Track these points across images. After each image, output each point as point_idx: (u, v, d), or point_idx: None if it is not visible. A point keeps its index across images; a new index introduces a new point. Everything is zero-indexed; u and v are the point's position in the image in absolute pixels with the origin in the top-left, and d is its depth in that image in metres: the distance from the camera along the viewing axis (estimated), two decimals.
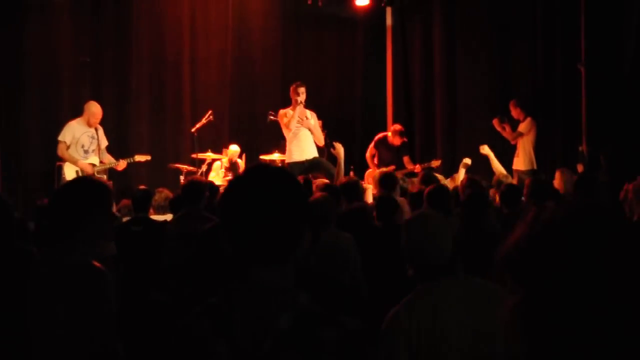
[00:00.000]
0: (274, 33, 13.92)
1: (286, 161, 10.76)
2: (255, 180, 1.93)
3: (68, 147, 10.39)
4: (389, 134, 11.84)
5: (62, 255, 3.18)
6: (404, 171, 11.10)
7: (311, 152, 10.62)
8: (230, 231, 1.89)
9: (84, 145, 10.43)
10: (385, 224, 6.05)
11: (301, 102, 10.50)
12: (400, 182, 8.09)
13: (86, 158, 10.42)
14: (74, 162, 10.33)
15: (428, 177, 8.26)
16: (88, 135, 10.46)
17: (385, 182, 7.45)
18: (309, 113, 10.74)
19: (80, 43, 12.46)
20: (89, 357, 3.13)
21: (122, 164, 10.62)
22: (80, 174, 10.25)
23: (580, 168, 10.21)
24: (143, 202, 7.06)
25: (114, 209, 8.21)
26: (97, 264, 3.20)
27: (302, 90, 10.53)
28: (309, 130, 10.61)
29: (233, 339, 1.84)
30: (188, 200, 6.64)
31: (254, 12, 13.73)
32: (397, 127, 11.91)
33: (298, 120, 10.51)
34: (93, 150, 10.50)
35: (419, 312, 3.06)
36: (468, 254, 3.50)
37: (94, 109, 10.46)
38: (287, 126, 10.54)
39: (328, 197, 5.66)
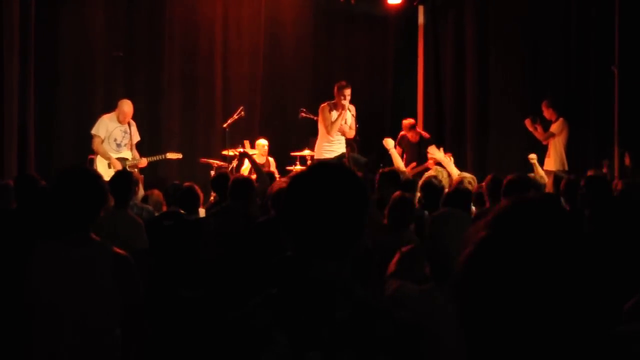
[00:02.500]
0: (306, 30, 13.93)
1: (315, 157, 10.77)
2: (319, 177, 1.97)
3: (102, 141, 10.51)
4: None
5: (91, 242, 3.29)
6: (419, 167, 10.92)
7: (340, 149, 10.61)
8: (292, 226, 1.94)
9: (117, 139, 10.59)
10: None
11: (347, 109, 10.38)
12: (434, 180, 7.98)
13: (119, 152, 10.56)
14: (107, 158, 10.47)
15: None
16: (121, 130, 10.61)
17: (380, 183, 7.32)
18: (349, 109, 10.62)
19: (113, 38, 12.57)
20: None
21: (143, 162, 10.73)
22: (111, 168, 10.38)
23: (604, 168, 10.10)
24: (174, 197, 7.09)
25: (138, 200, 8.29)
26: (118, 250, 3.32)
27: (347, 92, 10.35)
28: (344, 133, 10.58)
29: (292, 329, 1.89)
30: (232, 197, 6.64)
31: (287, 8, 13.75)
32: (406, 122, 11.78)
33: (339, 128, 10.46)
34: (125, 145, 10.65)
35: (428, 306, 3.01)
36: None
37: (126, 108, 10.61)
38: (328, 131, 10.42)
39: None
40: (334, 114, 10.42)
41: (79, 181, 3.31)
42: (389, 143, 10.77)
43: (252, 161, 9.36)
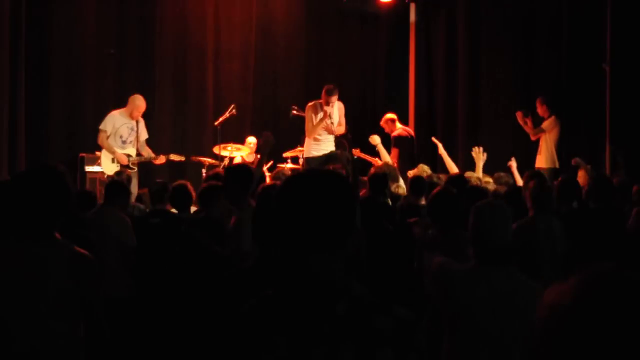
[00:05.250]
0: (297, 27, 13.92)
1: (304, 155, 10.81)
2: (310, 177, 2.05)
3: (108, 137, 10.54)
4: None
5: (51, 242, 3.26)
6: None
7: (329, 147, 10.65)
8: (287, 224, 1.97)
9: (122, 136, 10.61)
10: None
11: (329, 114, 10.50)
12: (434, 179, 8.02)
13: (123, 148, 10.61)
14: (111, 152, 10.53)
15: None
16: (128, 127, 10.64)
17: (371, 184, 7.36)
18: (336, 107, 10.69)
19: (105, 35, 12.54)
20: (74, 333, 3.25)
21: (161, 159, 10.75)
22: (115, 161, 10.52)
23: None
24: (161, 195, 7.07)
25: (132, 199, 8.29)
26: (79, 249, 3.29)
27: (333, 99, 10.49)
28: (331, 131, 10.62)
29: (290, 328, 1.91)
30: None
31: (278, 6, 13.75)
32: (385, 117, 11.89)
33: (325, 127, 10.52)
34: (131, 142, 10.68)
35: (471, 282, 3.54)
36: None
37: (139, 102, 10.65)
38: (307, 134, 10.63)
39: None
40: (320, 114, 10.52)
41: (41, 180, 3.28)
42: (375, 139, 10.86)
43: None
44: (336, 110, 10.70)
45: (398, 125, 11.81)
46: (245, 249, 5.02)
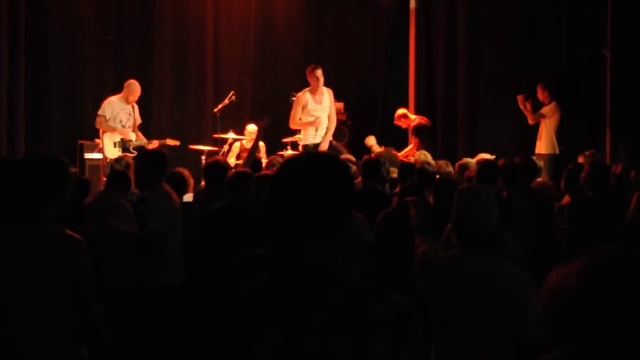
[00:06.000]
0: (297, 14, 13.88)
1: (302, 143, 10.89)
2: (307, 161, 2.01)
3: (106, 121, 10.61)
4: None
5: (41, 225, 3.26)
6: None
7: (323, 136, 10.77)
8: (282, 208, 1.95)
9: (122, 121, 10.71)
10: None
11: (320, 102, 10.66)
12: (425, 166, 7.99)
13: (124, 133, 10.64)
14: (113, 131, 10.61)
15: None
16: (126, 112, 10.75)
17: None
18: (326, 92, 10.77)
19: (104, 22, 12.53)
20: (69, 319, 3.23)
21: (154, 144, 10.76)
22: (117, 145, 10.58)
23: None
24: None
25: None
26: (71, 233, 3.29)
27: (319, 73, 10.61)
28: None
29: (285, 317, 1.88)
30: (208, 182, 6.65)
31: None
32: (397, 114, 11.92)
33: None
34: (129, 126, 10.80)
35: (449, 270, 3.43)
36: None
37: (134, 87, 10.78)
38: (291, 124, 10.85)
39: None
40: (310, 101, 10.62)
41: (32, 166, 3.31)
42: (370, 140, 10.96)
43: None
44: (326, 95, 10.77)
45: (412, 116, 11.84)
46: (154, 228, 5.48)
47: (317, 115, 10.65)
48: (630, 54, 10.91)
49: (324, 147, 10.63)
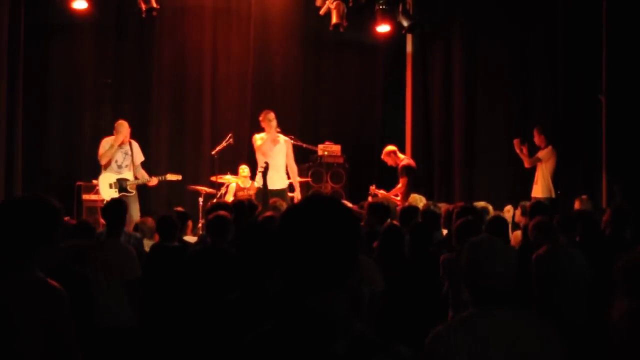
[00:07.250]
0: (295, 57, 13.97)
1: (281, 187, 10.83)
2: (311, 209, 1.96)
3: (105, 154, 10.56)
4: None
5: (21, 274, 3.11)
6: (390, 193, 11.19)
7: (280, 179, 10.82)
8: (286, 260, 1.92)
9: (118, 161, 10.62)
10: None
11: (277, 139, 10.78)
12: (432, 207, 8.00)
13: (120, 173, 10.60)
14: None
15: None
16: (122, 152, 10.66)
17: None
18: (282, 139, 10.87)
19: (102, 64, 12.61)
20: None
21: (153, 181, 10.74)
22: (113, 186, 10.46)
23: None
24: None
25: (131, 227, 8.22)
26: (52, 281, 3.12)
27: (271, 116, 10.78)
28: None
29: None
30: (212, 237, 6.59)
31: (276, 35, 13.80)
32: (385, 150, 11.90)
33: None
34: (127, 166, 10.67)
35: (468, 336, 2.96)
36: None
37: (120, 128, 10.63)
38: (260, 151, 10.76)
39: None
40: (266, 144, 10.70)
41: (18, 209, 3.16)
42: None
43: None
44: (283, 143, 10.89)
45: (401, 155, 11.85)
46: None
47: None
48: (625, 98, 10.97)
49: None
